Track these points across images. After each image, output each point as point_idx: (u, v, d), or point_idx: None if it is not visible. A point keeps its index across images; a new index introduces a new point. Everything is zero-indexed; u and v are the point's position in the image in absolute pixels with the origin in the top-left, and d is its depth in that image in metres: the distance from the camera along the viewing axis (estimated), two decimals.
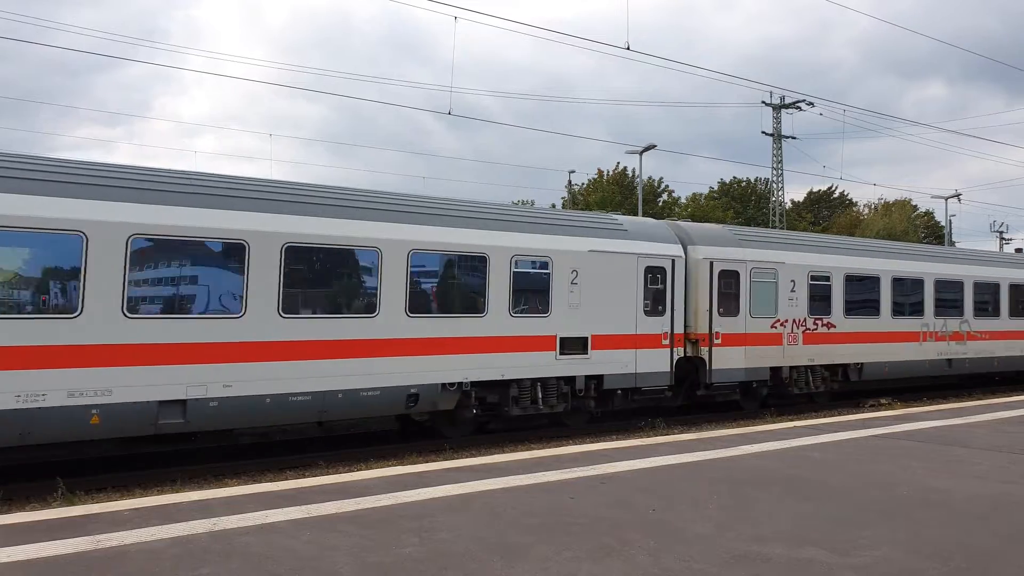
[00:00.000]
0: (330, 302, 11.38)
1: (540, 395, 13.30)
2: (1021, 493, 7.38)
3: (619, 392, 14.40)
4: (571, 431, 14.31)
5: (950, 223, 53.15)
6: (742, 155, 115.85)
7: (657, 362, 14.74)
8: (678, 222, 17.03)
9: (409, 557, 5.19)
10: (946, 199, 51.19)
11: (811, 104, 44.84)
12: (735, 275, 16.02)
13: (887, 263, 19.06)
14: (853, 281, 18.09)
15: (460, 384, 12.45)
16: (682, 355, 15.23)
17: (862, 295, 18.32)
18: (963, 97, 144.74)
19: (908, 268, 19.58)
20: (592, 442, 11.74)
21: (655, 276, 14.83)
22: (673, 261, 15.10)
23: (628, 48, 18.61)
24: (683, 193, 62.53)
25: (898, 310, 19.01)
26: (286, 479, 9.09)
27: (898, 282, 19.07)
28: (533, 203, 54.62)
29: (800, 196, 67.91)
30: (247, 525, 5.87)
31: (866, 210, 68.02)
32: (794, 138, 48.92)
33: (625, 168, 53.42)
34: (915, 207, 67.29)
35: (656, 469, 8.19)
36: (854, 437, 10.43)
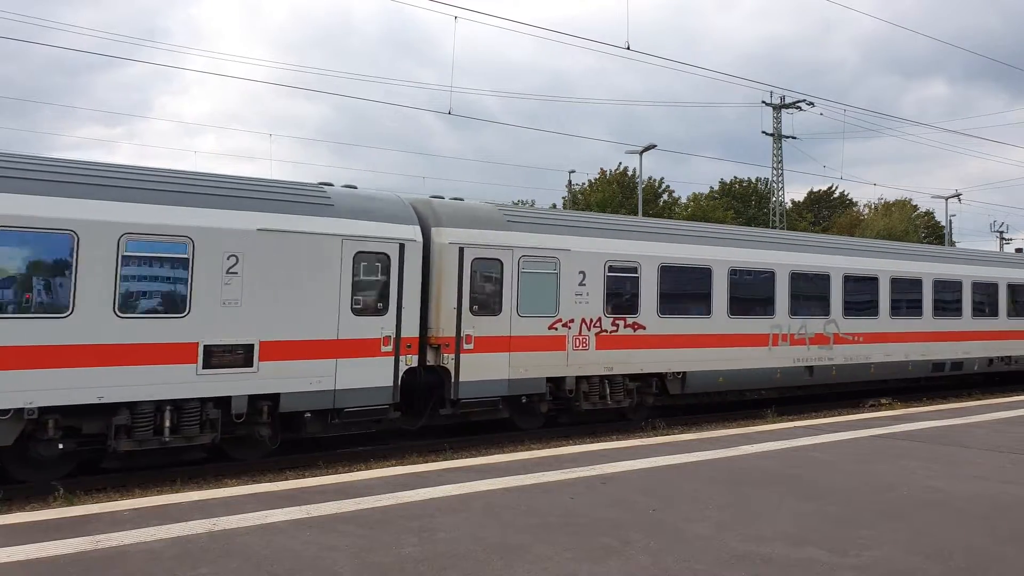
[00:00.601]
0: None
1: (169, 422, 9.99)
2: (1021, 493, 7.38)
3: (308, 415, 11.14)
4: (569, 431, 14.26)
5: (950, 223, 53.16)
6: (744, 155, 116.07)
7: (372, 375, 11.56)
8: (428, 198, 13.52)
9: (409, 557, 5.19)
10: (946, 199, 51.20)
11: (811, 104, 44.92)
12: (497, 264, 13.01)
13: (720, 252, 15.81)
14: (672, 273, 14.94)
15: (21, 411, 9.03)
16: (413, 364, 12.02)
17: (685, 290, 15.23)
18: (965, 96, 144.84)
19: (750, 258, 16.23)
20: (592, 442, 11.74)
21: (373, 265, 11.75)
22: (402, 246, 11.92)
23: (628, 48, 18.62)
24: (684, 193, 62.62)
25: (738, 308, 15.77)
26: (286, 479, 9.10)
27: (737, 274, 15.86)
28: (534, 203, 54.68)
29: (800, 196, 67.99)
30: (247, 525, 5.87)
31: (866, 210, 68.03)
32: (794, 138, 48.99)
33: (626, 168, 53.42)
34: (915, 207, 67.30)
35: (656, 469, 8.19)
36: (854, 437, 10.43)
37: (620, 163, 54.81)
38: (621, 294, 14.33)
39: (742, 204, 58.22)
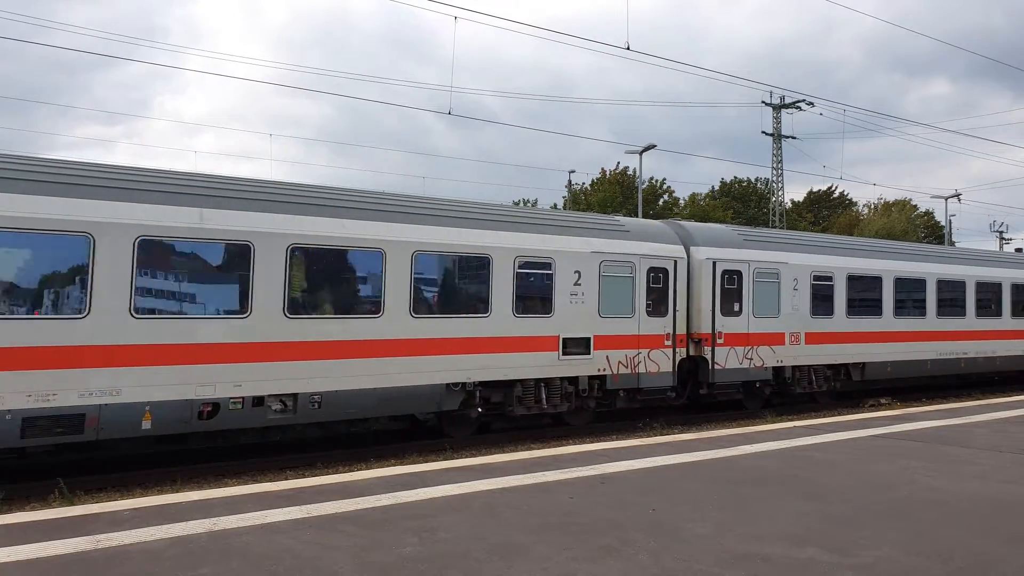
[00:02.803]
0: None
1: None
2: (1021, 493, 7.38)
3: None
4: (572, 430, 14.33)
5: (950, 223, 53.20)
6: (745, 155, 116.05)
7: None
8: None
9: (409, 557, 5.19)
10: (946, 199, 51.23)
11: (811, 104, 44.94)
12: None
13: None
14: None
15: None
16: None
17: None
18: (968, 95, 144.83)
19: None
20: (592, 442, 11.74)
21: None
22: (676, 262, 15.43)
23: (628, 48, 18.62)
24: (685, 193, 62.62)
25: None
26: (286, 479, 9.09)
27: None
28: (536, 202, 54.66)
29: (800, 196, 67.98)
30: (247, 525, 5.87)
31: (866, 210, 68.04)
32: (794, 138, 49.00)
33: (626, 168, 53.43)
34: (915, 207, 67.30)
35: (656, 469, 8.19)
36: (854, 437, 10.43)
37: (620, 163, 54.89)
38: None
39: (742, 204, 58.24)
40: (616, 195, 50.64)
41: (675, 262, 15.38)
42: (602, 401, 14.68)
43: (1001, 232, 61.25)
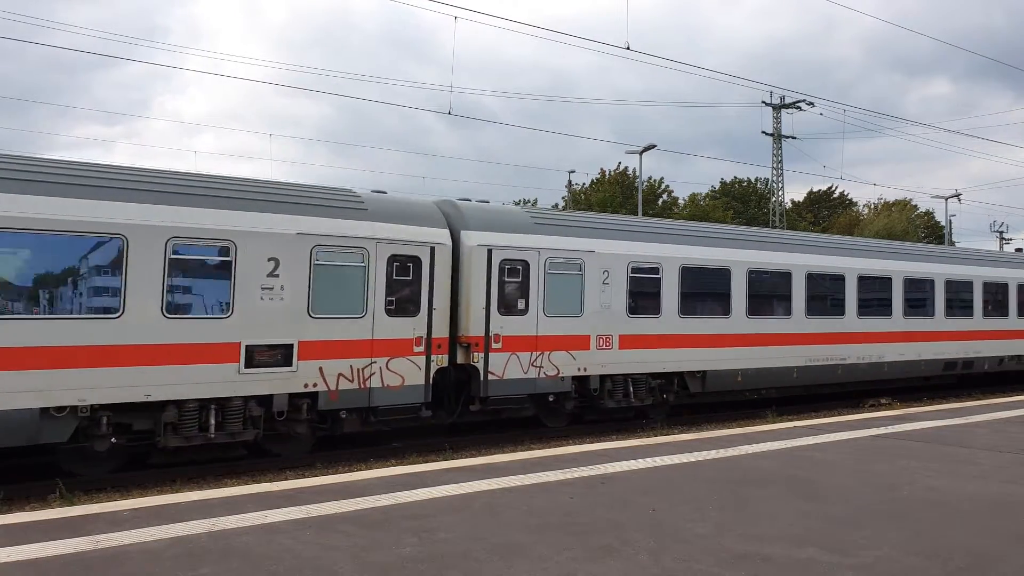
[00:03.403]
0: None
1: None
2: (1021, 493, 7.38)
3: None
4: (569, 431, 14.31)
5: (950, 223, 53.20)
6: (745, 155, 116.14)
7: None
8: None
9: (409, 557, 5.19)
10: (946, 199, 51.23)
11: (811, 104, 44.95)
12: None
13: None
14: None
15: None
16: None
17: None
18: (968, 94, 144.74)
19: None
20: (592, 442, 11.74)
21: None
22: (432, 249, 12.44)
23: (628, 48, 18.62)
24: (685, 193, 62.63)
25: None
26: (286, 479, 9.10)
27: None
28: (535, 202, 54.63)
29: (800, 196, 67.99)
30: (246, 525, 5.87)
31: (866, 210, 68.05)
32: (794, 138, 49.01)
33: (626, 168, 53.42)
34: (915, 207, 67.30)
35: (656, 469, 8.19)
36: (854, 437, 10.43)
37: (620, 163, 54.88)
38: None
39: (742, 204, 58.24)
40: (616, 195, 50.63)
41: (432, 249, 12.32)
42: (320, 425, 11.70)
43: (1001, 232, 61.26)
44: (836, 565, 5.16)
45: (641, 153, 35.74)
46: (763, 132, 49.02)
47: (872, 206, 68.38)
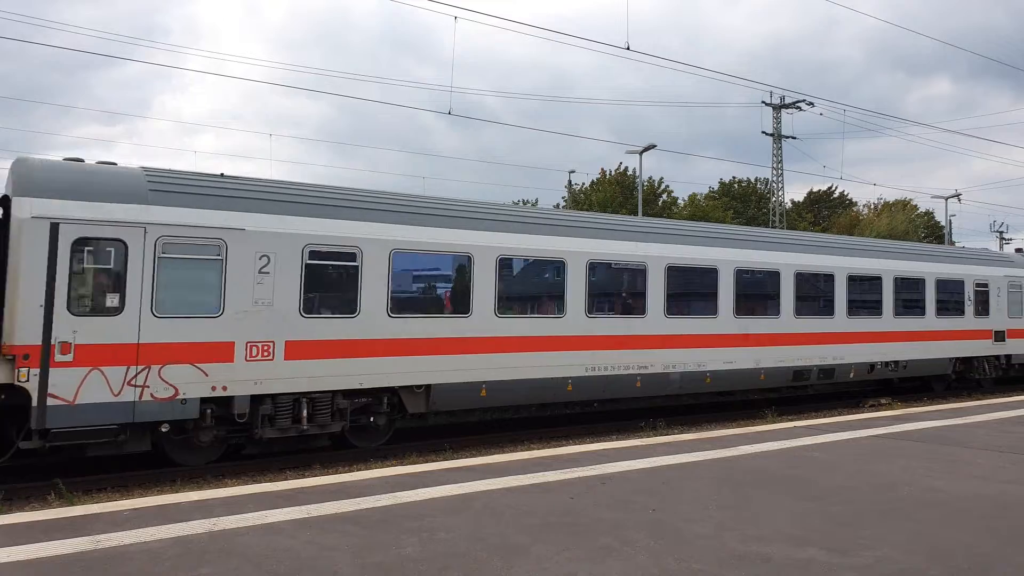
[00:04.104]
0: None
1: None
2: (1021, 493, 7.38)
3: None
4: (570, 431, 14.32)
5: (950, 223, 53.18)
6: (744, 155, 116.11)
7: None
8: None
9: (409, 557, 5.19)
10: (946, 199, 51.22)
11: (811, 104, 44.93)
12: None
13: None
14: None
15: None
16: None
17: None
18: (970, 94, 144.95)
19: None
20: (592, 442, 11.74)
21: None
22: None
23: (628, 48, 18.62)
24: (685, 193, 62.61)
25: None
26: (286, 479, 9.10)
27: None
28: (536, 202, 54.66)
29: (800, 196, 67.98)
30: (247, 525, 5.87)
31: (866, 210, 68.00)
32: (794, 138, 49.00)
33: (626, 168, 53.39)
34: (915, 207, 67.26)
35: (656, 469, 8.19)
36: (854, 437, 10.42)
37: (620, 163, 54.85)
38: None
39: (742, 204, 58.20)
40: (616, 195, 50.60)
41: None
42: None
43: (1001, 232, 61.29)
44: (836, 565, 5.16)
45: (641, 153, 35.71)
46: (763, 132, 49.05)
47: (872, 206, 68.37)
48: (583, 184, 55.30)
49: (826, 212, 66.87)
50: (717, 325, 15.44)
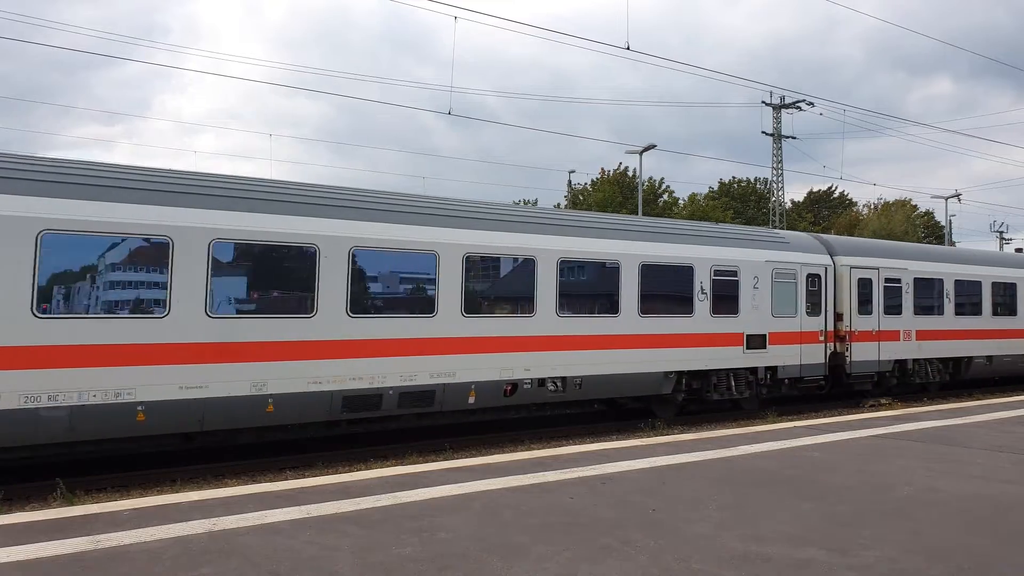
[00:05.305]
0: None
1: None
2: (1021, 493, 7.38)
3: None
4: (570, 431, 14.32)
5: (950, 223, 53.19)
6: (745, 155, 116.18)
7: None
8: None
9: (409, 557, 5.19)
10: (946, 199, 51.23)
11: (811, 104, 44.95)
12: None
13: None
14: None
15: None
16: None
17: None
18: (971, 93, 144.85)
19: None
20: (592, 442, 11.74)
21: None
22: (826, 268, 17.44)
23: (628, 48, 18.61)
24: (685, 193, 62.62)
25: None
26: (286, 479, 9.10)
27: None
28: (537, 202, 54.68)
29: (800, 196, 67.97)
30: (247, 525, 5.87)
31: (865, 210, 68.00)
32: (794, 138, 49.02)
33: (626, 168, 53.40)
34: (915, 207, 67.24)
35: (656, 469, 8.19)
36: (854, 437, 10.42)
37: (620, 163, 54.85)
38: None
39: (741, 204, 58.21)
40: (616, 195, 50.61)
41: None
42: None
43: (1001, 232, 61.29)
44: (836, 565, 5.16)
45: (641, 153, 35.72)
46: (763, 132, 49.08)
47: (872, 206, 68.37)
48: (584, 184, 55.35)
49: (826, 212, 66.88)
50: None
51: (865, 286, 18.24)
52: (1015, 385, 22.34)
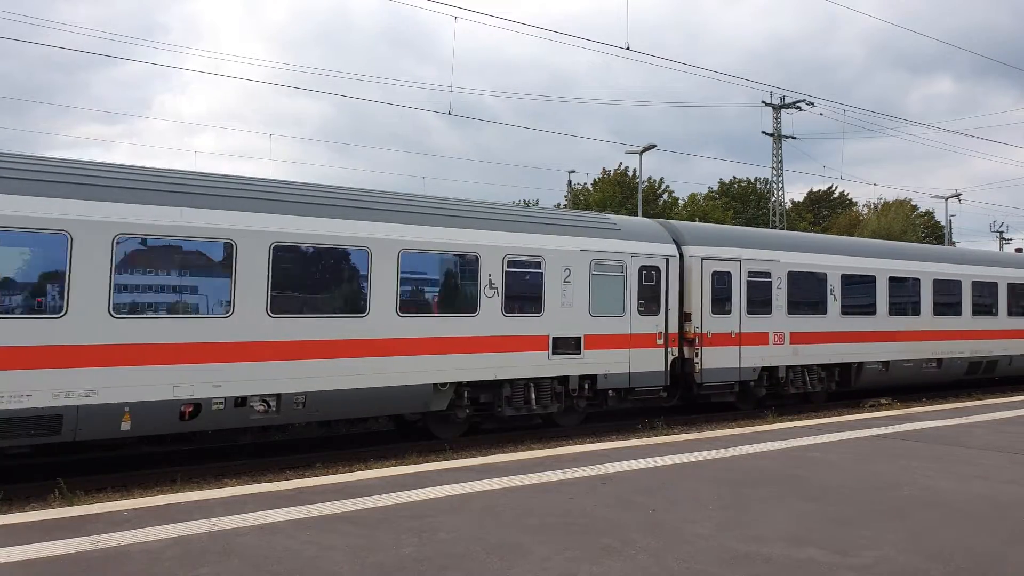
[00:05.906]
0: None
1: None
2: (1021, 493, 7.38)
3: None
4: (569, 431, 14.29)
5: (950, 223, 53.16)
6: (745, 155, 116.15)
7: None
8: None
9: (409, 557, 5.19)
10: (946, 199, 51.20)
11: (811, 104, 44.97)
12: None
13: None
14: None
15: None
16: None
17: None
18: (972, 93, 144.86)
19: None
20: (592, 442, 11.74)
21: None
22: (667, 260, 14.98)
23: (628, 48, 18.62)
24: (685, 193, 62.62)
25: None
26: (286, 479, 9.10)
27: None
28: (537, 202, 54.66)
29: (800, 196, 67.98)
30: (246, 525, 5.87)
31: (865, 210, 67.99)
32: (794, 138, 49.04)
33: (626, 168, 53.39)
34: (915, 207, 67.21)
35: (656, 469, 8.19)
36: (854, 437, 10.42)
37: (620, 163, 54.85)
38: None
39: (741, 204, 58.22)
40: (616, 195, 50.61)
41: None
42: None
43: (1001, 232, 61.27)
44: (836, 565, 5.16)
45: (641, 153, 35.71)
46: (763, 132, 49.11)
47: (872, 206, 68.35)
48: (584, 184, 55.34)
49: (826, 212, 66.87)
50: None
51: (722, 281, 15.59)
52: (1015, 385, 22.33)
